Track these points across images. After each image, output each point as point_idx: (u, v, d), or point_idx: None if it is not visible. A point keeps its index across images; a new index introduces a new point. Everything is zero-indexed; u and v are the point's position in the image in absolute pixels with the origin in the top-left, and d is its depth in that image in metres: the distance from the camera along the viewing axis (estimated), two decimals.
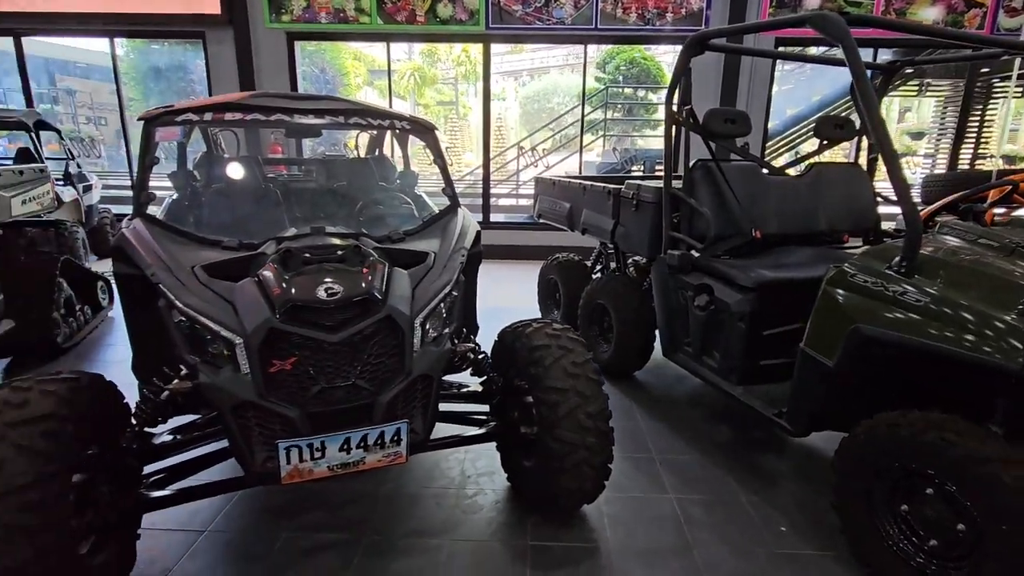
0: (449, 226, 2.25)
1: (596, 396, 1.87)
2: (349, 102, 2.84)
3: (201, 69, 7.42)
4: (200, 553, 1.86)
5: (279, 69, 6.69)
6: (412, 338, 1.60)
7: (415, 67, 17.88)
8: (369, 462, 1.50)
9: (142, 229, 1.86)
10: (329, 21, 6.52)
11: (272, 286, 1.55)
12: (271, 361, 1.45)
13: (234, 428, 1.42)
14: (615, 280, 3.45)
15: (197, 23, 6.49)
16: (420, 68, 18.10)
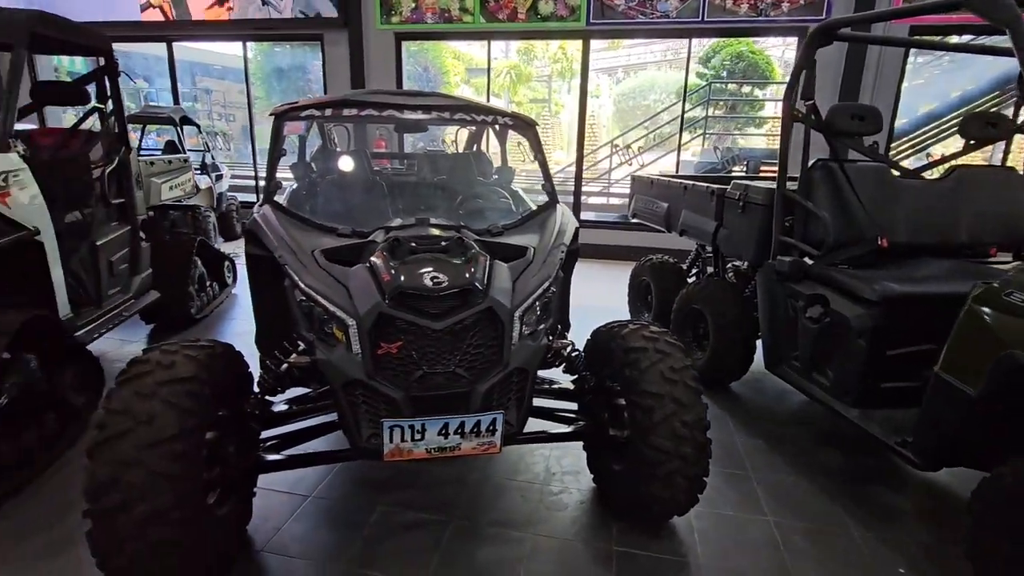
0: (548, 222, 2.25)
1: (694, 405, 1.79)
2: (455, 99, 2.92)
3: (318, 69, 8.00)
4: (305, 516, 2.01)
5: (387, 68, 7.05)
6: (511, 331, 1.61)
7: (511, 65, 18.07)
8: (464, 449, 1.53)
9: (270, 215, 2.04)
10: (435, 21, 6.77)
11: (382, 272, 1.63)
12: (379, 343, 1.53)
13: (344, 404, 1.51)
14: (713, 285, 3.29)
15: (317, 26, 6.99)
16: (516, 66, 18.27)
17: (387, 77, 7.06)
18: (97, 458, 1.38)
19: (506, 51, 21.44)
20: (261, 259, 1.96)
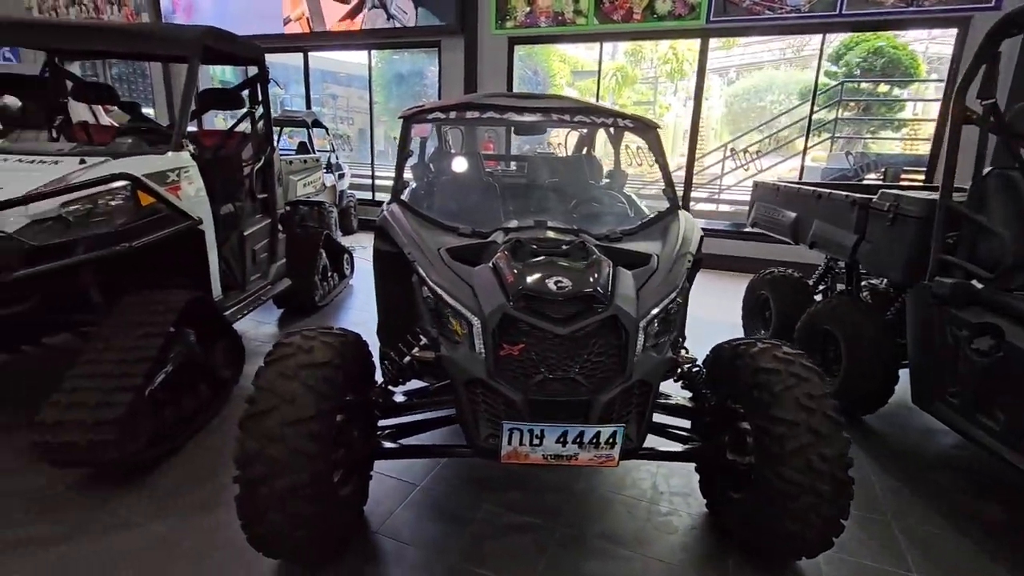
0: (671, 229, 2.15)
1: (835, 437, 1.62)
2: (575, 101, 2.90)
3: (433, 74, 8.39)
4: (414, 505, 2.08)
5: (498, 72, 7.20)
6: (635, 342, 1.55)
7: (618, 67, 17.77)
8: (581, 459, 1.50)
9: (399, 213, 2.13)
10: (548, 24, 6.80)
11: (505, 274, 1.64)
12: (501, 344, 1.54)
13: (464, 401, 1.54)
14: (848, 305, 2.97)
15: (436, 33, 7.31)
16: (623, 68, 17.94)
17: (498, 81, 7.22)
18: (247, 430, 1.52)
19: (613, 53, 21.12)
20: (389, 255, 2.06)
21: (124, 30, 2.79)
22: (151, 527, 1.94)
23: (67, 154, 2.57)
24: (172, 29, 2.74)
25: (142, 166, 2.49)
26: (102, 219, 2.33)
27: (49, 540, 1.86)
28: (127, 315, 2.31)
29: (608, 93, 19.23)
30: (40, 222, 2.23)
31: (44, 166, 2.43)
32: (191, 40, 2.84)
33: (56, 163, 2.46)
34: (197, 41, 2.85)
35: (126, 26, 2.65)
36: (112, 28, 2.71)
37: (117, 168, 2.43)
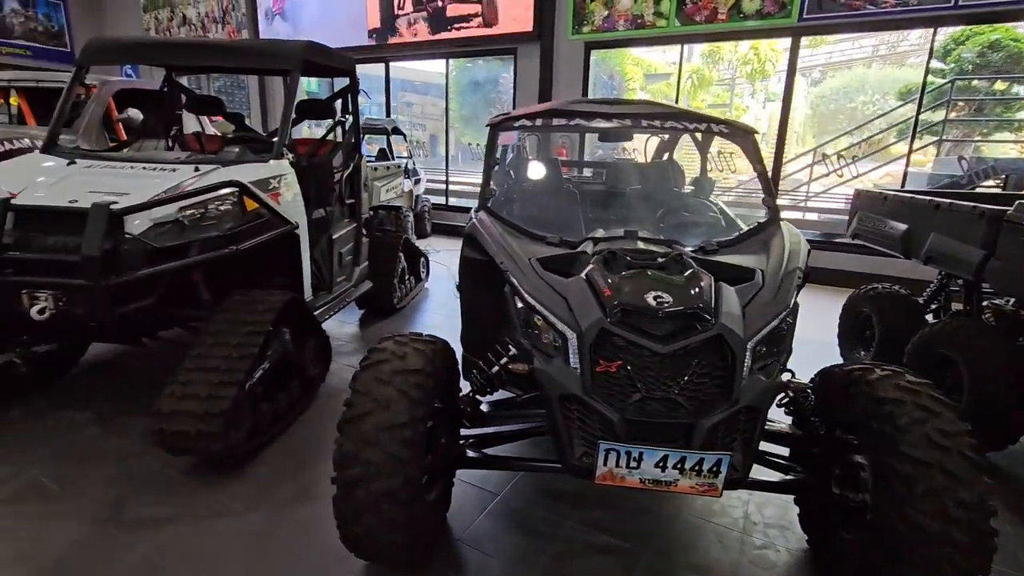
0: (773, 242, 2.01)
1: (974, 481, 1.43)
2: (664, 106, 2.79)
3: (507, 81, 8.46)
4: (495, 515, 2.06)
5: (574, 77, 7.15)
6: (743, 363, 1.45)
7: (694, 69, 17.20)
8: (680, 486, 1.42)
9: (488, 221, 2.13)
10: (626, 28, 6.68)
11: (601, 287, 1.59)
12: (598, 360, 1.49)
13: (558, 417, 1.50)
14: (972, 327, 2.67)
15: (513, 40, 7.37)
16: (699, 70, 17.34)
17: (573, 86, 7.16)
18: (345, 433, 1.56)
19: (688, 54, 20.48)
20: (478, 263, 2.06)
21: (236, 47, 2.99)
22: (249, 516, 2.04)
23: (183, 162, 2.78)
24: (277, 45, 2.90)
25: (248, 174, 2.66)
26: (213, 223, 2.49)
27: (163, 521, 2.01)
28: (232, 313, 2.46)
29: (684, 96, 18.67)
30: (160, 225, 2.42)
31: (163, 173, 2.64)
32: (293, 55, 3.00)
33: (174, 170, 2.66)
34: (299, 55, 3.01)
35: (237, 43, 2.84)
36: (225, 45, 2.91)
37: (226, 176, 2.60)
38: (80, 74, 3.09)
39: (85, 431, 2.57)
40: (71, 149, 3.00)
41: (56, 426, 2.60)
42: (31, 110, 4.50)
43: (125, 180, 2.57)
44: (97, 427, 2.61)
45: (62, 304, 2.28)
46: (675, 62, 10.24)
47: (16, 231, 2.32)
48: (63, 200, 2.36)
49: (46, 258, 2.25)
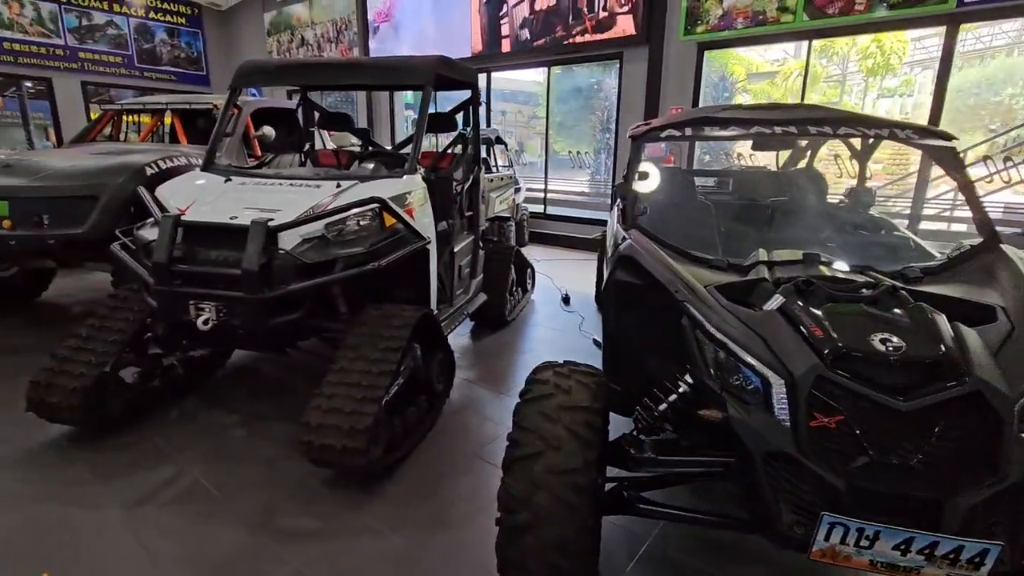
0: (1001, 271, 1.68)
1: None
2: (829, 110, 2.49)
3: (607, 87, 8.26)
4: (647, 563, 1.89)
5: (684, 80, 6.80)
6: (1012, 428, 1.18)
7: (801, 65, 16.00)
8: (924, 574, 1.16)
9: (645, 242, 1.97)
10: (746, 25, 6.25)
11: (808, 324, 1.38)
12: (812, 413, 1.27)
13: (762, 477, 1.30)
14: None
15: (618, 45, 7.16)
16: (811, 66, 16.09)
17: (683, 89, 6.82)
18: (513, 474, 1.46)
19: (795, 51, 19.07)
20: (635, 288, 1.90)
21: (374, 65, 3.07)
22: (392, 538, 2.01)
23: (325, 178, 2.87)
24: (412, 61, 2.94)
25: (386, 189, 2.69)
26: (355, 238, 2.54)
27: (310, 534, 2.03)
28: (370, 327, 2.48)
29: (789, 95, 17.37)
30: (308, 240, 2.49)
31: (308, 189, 2.74)
32: (427, 69, 3.02)
33: (318, 187, 2.75)
34: (432, 70, 3.02)
35: (375, 61, 2.91)
36: (365, 64, 2.99)
37: (366, 192, 2.65)
38: (234, 96, 3.31)
39: (233, 433, 2.71)
40: (225, 167, 3.21)
41: (208, 428, 2.76)
42: (184, 129, 4.94)
43: (275, 196, 2.69)
44: (242, 430, 2.75)
45: (223, 315, 2.40)
46: (778, 60, 9.50)
47: (184, 245, 2.48)
48: (224, 217, 2.50)
49: (210, 271, 2.38)
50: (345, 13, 10.37)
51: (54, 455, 2.48)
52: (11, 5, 10.21)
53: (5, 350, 3.70)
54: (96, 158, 3.80)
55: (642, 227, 2.10)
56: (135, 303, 2.78)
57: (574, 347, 3.99)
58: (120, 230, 2.77)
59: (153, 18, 11.99)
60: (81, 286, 5.39)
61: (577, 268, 6.81)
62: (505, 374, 3.50)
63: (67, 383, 2.46)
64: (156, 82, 12.15)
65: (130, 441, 2.61)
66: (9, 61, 10.32)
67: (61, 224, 3.43)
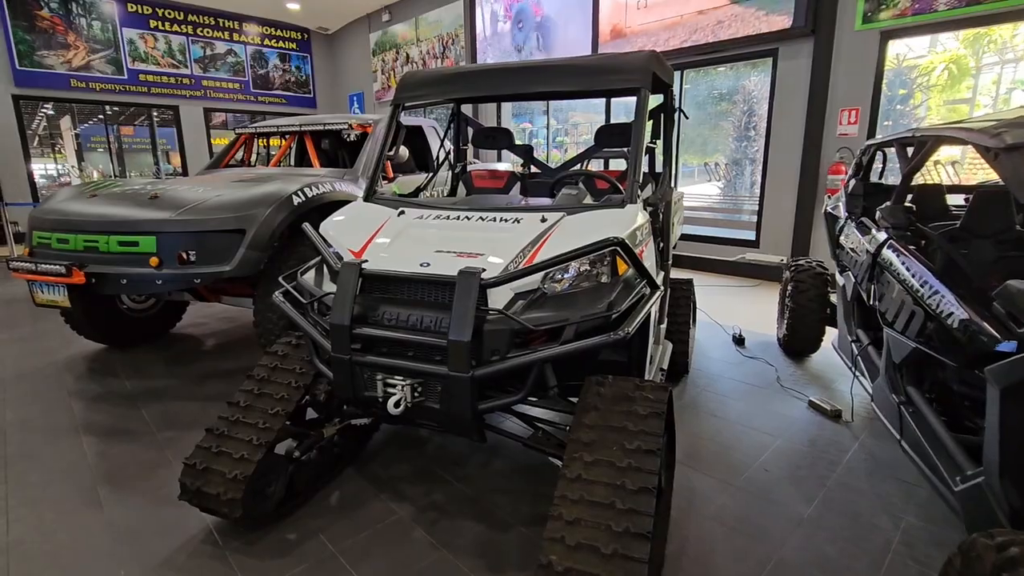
0: None
1: None
2: None
3: (750, 88, 7.30)
4: None
5: (859, 77, 5.76)
6: None
7: (952, 58, 13.98)
8: None
9: None
10: (951, 7, 5.13)
11: None
12: None
13: None
14: None
15: (773, 41, 6.23)
16: (960, 58, 14.05)
17: (857, 88, 5.77)
18: None
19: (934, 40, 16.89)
20: None
21: (575, 65, 2.45)
22: None
23: (523, 210, 2.27)
24: (625, 59, 2.29)
25: (613, 225, 2.03)
26: (583, 292, 1.89)
27: None
28: (605, 413, 1.81)
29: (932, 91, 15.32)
30: (523, 295, 1.88)
31: (507, 225, 2.14)
32: (643, 68, 2.36)
33: (517, 221, 2.15)
34: (648, 68, 2.36)
35: (576, 61, 2.27)
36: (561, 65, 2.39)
37: (583, 228, 2.02)
38: (397, 112, 2.82)
39: (412, 536, 2.13)
40: (392, 197, 2.71)
41: (379, 524, 2.20)
42: (316, 152, 4.63)
43: (468, 234, 2.12)
44: (422, 529, 2.16)
45: (418, 395, 1.83)
46: (918, 54, 8.23)
47: (364, 299, 1.95)
48: (414, 264, 1.94)
49: (404, 338, 1.82)
50: (452, 28, 10.12)
51: (208, 558, 2.01)
52: (147, 39, 10.86)
53: (146, 395, 3.42)
54: (237, 187, 3.48)
55: None
56: (296, 363, 2.30)
57: (784, 412, 3.15)
58: (283, 276, 2.30)
59: (267, 45, 12.44)
60: (212, 313, 5.23)
61: (726, 297, 5.91)
62: (719, 453, 2.73)
63: (226, 469, 1.99)
64: (268, 105, 12.57)
65: (292, 540, 2.10)
66: (144, 92, 10.98)
67: (208, 261, 3.09)
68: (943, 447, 1.85)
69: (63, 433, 2.94)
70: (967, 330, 1.68)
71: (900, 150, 2.65)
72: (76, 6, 10.08)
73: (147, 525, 2.19)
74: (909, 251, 2.21)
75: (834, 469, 2.58)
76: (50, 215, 3.35)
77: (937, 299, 1.89)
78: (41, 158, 11.49)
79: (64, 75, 10.06)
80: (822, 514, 2.24)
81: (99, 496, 2.39)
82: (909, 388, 2.16)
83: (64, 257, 3.15)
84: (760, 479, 2.49)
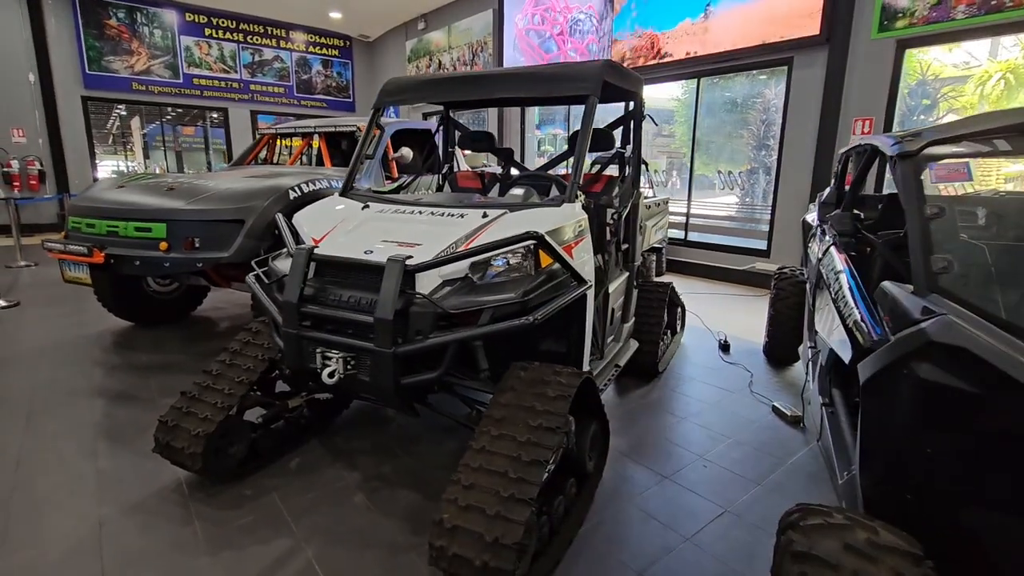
0: None
1: None
2: None
3: (764, 98, 7.23)
4: None
5: (874, 86, 5.64)
6: None
7: (1008, 66, 13.19)
8: None
9: (978, 322, 1.23)
10: (971, 14, 4.99)
11: None
12: None
13: None
14: None
15: (789, 49, 6.17)
16: (1016, 67, 13.24)
17: (871, 97, 5.65)
18: None
19: (993, 48, 15.98)
20: (963, 397, 1.17)
21: (530, 74, 2.61)
22: None
23: (469, 206, 2.46)
24: (574, 68, 2.43)
25: (543, 221, 2.19)
26: (504, 282, 2.06)
27: None
28: (519, 395, 1.97)
29: (985, 102, 14.50)
30: (450, 282, 2.06)
31: (452, 219, 2.33)
32: (592, 77, 2.50)
33: (462, 216, 2.34)
34: (599, 77, 2.50)
35: (530, 70, 2.44)
36: (519, 73, 2.56)
37: (520, 224, 2.17)
38: (377, 116, 3.06)
39: (355, 501, 2.34)
40: (364, 192, 2.95)
41: (329, 488, 2.42)
42: (328, 152, 4.95)
43: (414, 227, 2.32)
44: (365, 496, 2.37)
45: (350, 368, 2.04)
46: (967, 62, 7.94)
47: (316, 281, 2.18)
48: (359, 250, 2.16)
49: (340, 316, 2.03)
50: (481, 36, 10.41)
51: (173, 505, 2.28)
52: (201, 46, 11.68)
53: (157, 368, 3.78)
54: (246, 181, 3.81)
55: (957, 294, 1.35)
56: (266, 339, 2.56)
57: (747, 415, 3.19)
58: (256, 260, 2.57)
59: (312, 51, 13.11)
60: (232, 299, 5.65)
61: (728, 305, 5.88)
62: (665, 448, 2.82)
63: (192, 427, 2.26)
64: (310, 109, 13.23)
65: (248, 495, 2.35)
66: (197, 95, 11.80)
67: (210, 247, 3.42)
68: (844, 445, 1.90)
69: (80, 395, 3.33)
70: (860, 328, 1.75)
71: (856, 158, 2.67)
72: (140, 15, 10.97)
73: (129, 475, 2.49)
74: (840, 257, 2.26)
75: (775, 470, 2.63)
76: (84, 203, 3.77)
77: (846, 301, 1.95)
78: (114, 155, 12.49)
79: (127, 79, 10.96)
80: (744, 510, 2.31)
81: (97, 449, 2.72)
82: (834, 390, 2.21)
83: (90, 240, 3.55)
84: (695, 474, 2.57)
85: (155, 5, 11.04)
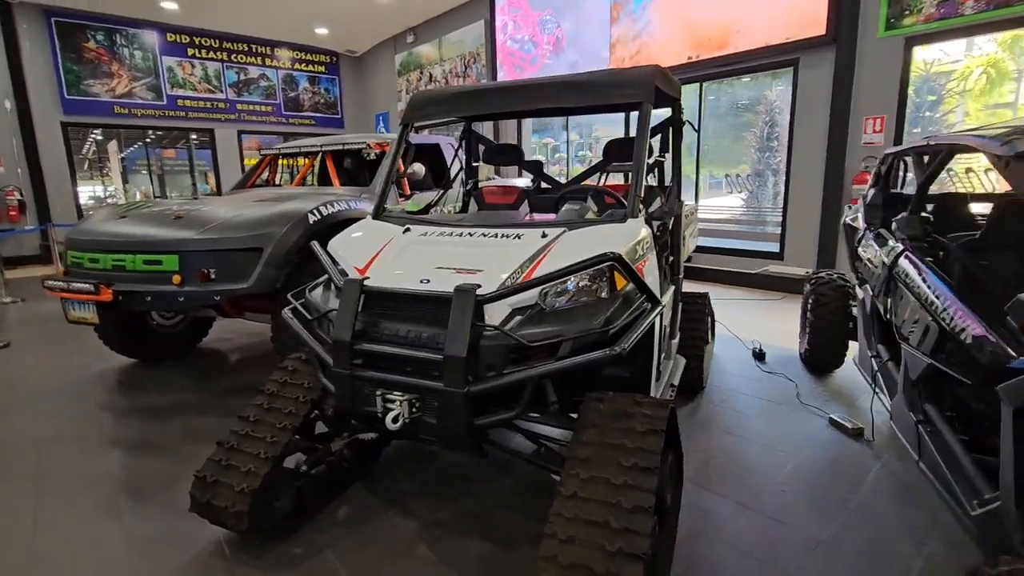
0: None
1: None
2: None
3: (768, 100, 7.21)
4: None
5: (882, 84, 5.62)
6: None
7: (989, 61, 13.44)
8: None
9: None
10: (982, 9, 4.98)
11: None
12: None
13: None
14: None
15: (795, 50, 6.14)
16: (997, 62, 13.50)
17: (880, 96, 5.63)
18: None
19: (970, 45, 16.32)
20: None
21: (577, 82, 2.46)
22: None
23: (524, 226, 2.29)
24: (626, 74, 2.30)
25: (612, 240, 2.03)
26: (580, 307, 1.89)
27: None
28: (603, 430, 1.79)
29: (957, 98, 14.77)
30: (520, 311, 1.89)
31: (508, 241, 2.16)
32: (645, 83, 2.37)
33: (518, 237, 2.17)
34: (650, 83, 2.37)
35: (578, 77, 2.29)
36: (564, 81, 2.41)
37: (584, 242, 2.01)
38: (406, 132, 2.89)
39: (418, 552, 2.12)
40: (400, 214, 2.77)
41: (386, 541, 2.21)
42: (336, 171, 4.76)
43: (469, 250, 2.14)
44: (427, 547, 2.15)
45: (416, 411, 1.85)
46: (953, 58, 8.07)
47: (366, 315, 1.99)
48: (414, 280, 1.97)
49: (403, 354, 1.84)
50: (474, 47, 10.31)
51: (217, 571, 2.05)
52: (184, 66, 11.41)
53: (171, 410, 3.53)
54: (258, 206, 3.60)
55: None
56: (306, 378, 2.35)
57: (804, 429, 3.04)
58: (292, 293, 2.37)
59: (298, 68, 12.90)
60: (238, 329, 5.39)
61: (750, 310, 5.78)
62: (732, 472, 2.66)
63: (235, 482, 2.04)
64: (298, 127, 13.00)
65: (299, 554, 2.13)
66: (182, 116, 11.50)
67: (226, 279, 3.20)
68: (961, 469, 1.76)
69: (92, 445, 3.07)
70: (981, 346, 1.61)
71: (916, 159, 2.57)
72: (120, 37, 10.67)
73: (162, 536, 2.26)
74: (924, 263, 2.14)
75: (855, 490, 2.48)
76: (83, 236, 3.53)
77: (951, 313, 1.81)
78: (90, 181, 12.11)
79: (108, 102, 10.63)
80: (840, 539, 2.15)
81: (120, 508, 2.47)
82: (927, 406, 2.07)
83: (94, 276, 3.30)
84: (776, 500, 2.41)
85: (134, 26, 10.76)
